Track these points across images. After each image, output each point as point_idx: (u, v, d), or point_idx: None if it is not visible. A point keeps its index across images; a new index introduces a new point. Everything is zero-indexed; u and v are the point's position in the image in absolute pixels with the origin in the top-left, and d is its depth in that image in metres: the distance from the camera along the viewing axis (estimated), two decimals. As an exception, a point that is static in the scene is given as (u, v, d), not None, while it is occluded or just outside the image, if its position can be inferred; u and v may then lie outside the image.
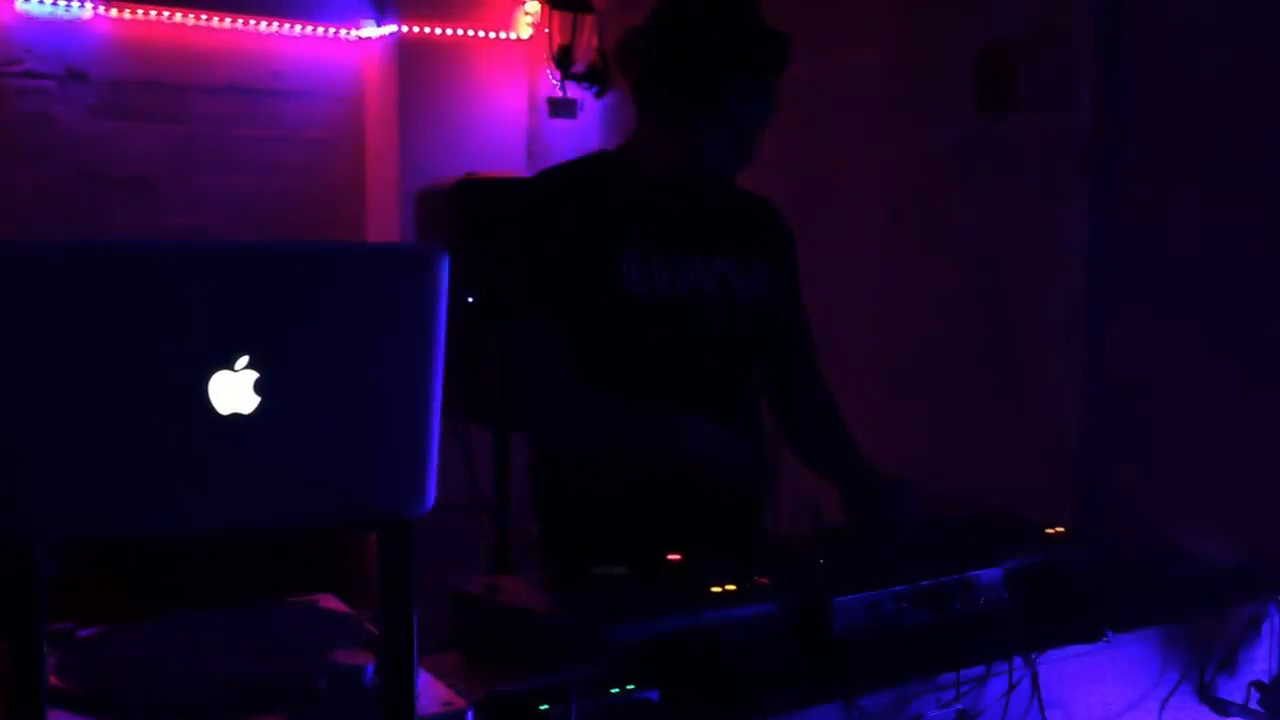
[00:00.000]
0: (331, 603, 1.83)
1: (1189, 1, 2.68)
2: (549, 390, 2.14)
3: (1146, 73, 2.76)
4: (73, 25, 4.27)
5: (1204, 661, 1.88)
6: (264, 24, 4.60)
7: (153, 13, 4.38)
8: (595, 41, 4.44)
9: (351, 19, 4.75)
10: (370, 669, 1.37)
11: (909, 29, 3.33)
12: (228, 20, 4.51)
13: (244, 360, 1.07)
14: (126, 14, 4.35)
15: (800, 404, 2.39)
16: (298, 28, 4.66)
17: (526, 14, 4.74)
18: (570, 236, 2.13)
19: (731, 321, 2.24)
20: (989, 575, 1.74)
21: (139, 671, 1.45)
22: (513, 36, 4.78)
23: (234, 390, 1.07)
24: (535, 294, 2.13)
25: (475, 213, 3.76)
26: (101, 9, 4.29)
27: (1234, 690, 1.90)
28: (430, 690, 1.41)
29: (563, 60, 4.42)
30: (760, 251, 2.30)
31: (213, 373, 1.06)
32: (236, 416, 1.07)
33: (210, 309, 1.05)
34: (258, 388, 1.07)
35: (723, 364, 2.24)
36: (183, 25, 4.45)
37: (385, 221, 4.76)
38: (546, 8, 4.46)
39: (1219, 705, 1.91)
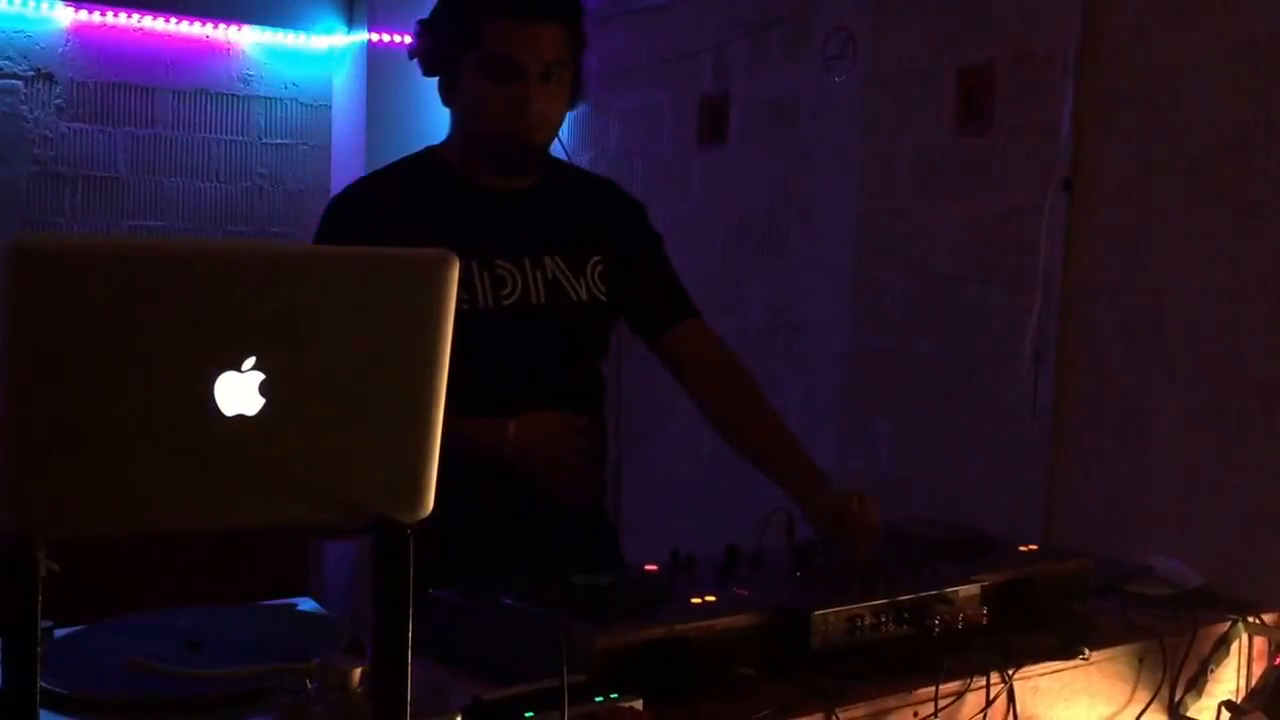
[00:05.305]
0: (310, 605, 1.83)
1: (1168, 28, 2.73)
2: None
3: (1125, 96, 2.81)
4: (41, 26, 4.23)
5: (1174, 681, 1.90)
6: (233, 29, 4.57)
7: (122, 15, 4.35)
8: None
9: (321, 26, 4.73)
10: (358, 672, 1.37)
11: (890, 45, 3.36)
12: (197, 24, 4.49)
13: (251, 361, 1.06)
14: (95, 16, 4.31)
15: (715, 383, 2.23)
16: (267, 33, 4.64)
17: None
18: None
19: (563, 328, 2.14)
20: (967, 591, 1.75)
21: (131, 670, 1.44)
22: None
23: (239, 392, 1.06)
24: None
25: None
26: (71, 10, 4.25)
27: (1204, 710, 1.93)
28: (417, 697, 1.40)
29: (534, 71, 4.42)
30: (595, 245, 2.18)
31: (219, 374, 1.05)
32: (241, 418, 1.07)
33: (220, 309, 1.04)
34: (263, 389, 1.07)
35: (558, 370, 2.15)
36: (152, 28, 4.42)
37: (350, 229, 4.74)
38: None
39: (1188, 725, 1.94)
